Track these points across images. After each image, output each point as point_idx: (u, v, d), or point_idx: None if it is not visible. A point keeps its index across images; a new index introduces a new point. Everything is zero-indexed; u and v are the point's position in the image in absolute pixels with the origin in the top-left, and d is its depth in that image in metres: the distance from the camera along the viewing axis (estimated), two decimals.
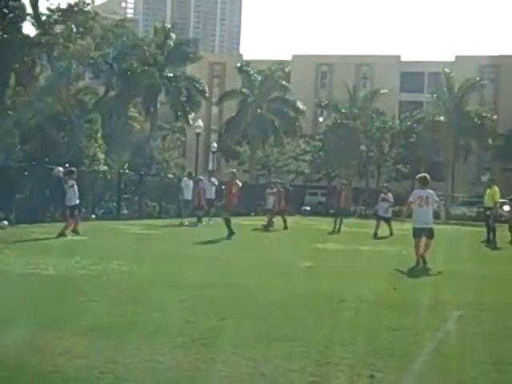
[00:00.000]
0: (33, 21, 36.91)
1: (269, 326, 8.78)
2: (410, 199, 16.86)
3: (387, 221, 28.56)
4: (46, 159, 30.21)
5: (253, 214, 43.46)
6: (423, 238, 16.32)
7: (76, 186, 22.82)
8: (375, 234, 27.31)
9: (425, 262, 15.99)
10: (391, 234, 27.95)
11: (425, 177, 16.87)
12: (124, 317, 9.04)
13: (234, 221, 24.43)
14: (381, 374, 6.71)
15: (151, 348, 7.43)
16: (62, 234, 21.46)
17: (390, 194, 29.95)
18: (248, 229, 29.30)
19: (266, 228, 29.91)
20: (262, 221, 32.14)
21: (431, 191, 16.67)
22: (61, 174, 23.20)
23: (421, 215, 16.35)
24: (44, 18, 37.23)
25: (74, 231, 22.16)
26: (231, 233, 23.32)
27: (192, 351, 7.37)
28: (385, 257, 19.43)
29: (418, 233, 16.37)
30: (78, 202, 22.82)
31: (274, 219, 31.10)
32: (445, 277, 14.80)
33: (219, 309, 9.89)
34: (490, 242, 24.93)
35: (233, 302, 10.53)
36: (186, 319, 8.99)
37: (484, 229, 26.29)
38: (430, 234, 16.41)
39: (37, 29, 37.20)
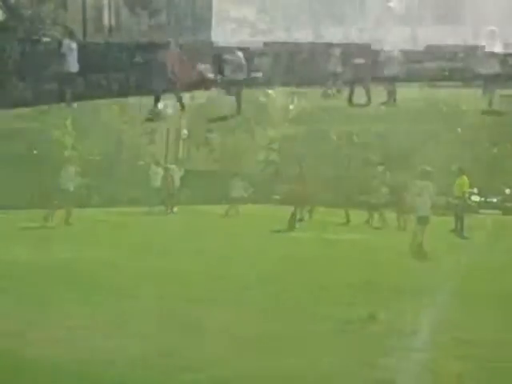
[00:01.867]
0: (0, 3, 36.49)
1: None
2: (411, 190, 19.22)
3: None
4: None
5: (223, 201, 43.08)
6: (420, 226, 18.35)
7: None
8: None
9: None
10: None
11: (424, 169, 18.70)
12: None
13: (201, 208, 24.44)
14: None
15: None
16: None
17: None
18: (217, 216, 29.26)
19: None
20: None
21: (429, 183, 18.51)
22: None
23: (419, 204, 18.43)
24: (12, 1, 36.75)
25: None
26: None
27: None
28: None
29: (418, 221, 18.40)
30: None
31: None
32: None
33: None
34: (458, 232, 24.98)
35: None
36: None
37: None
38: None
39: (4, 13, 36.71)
